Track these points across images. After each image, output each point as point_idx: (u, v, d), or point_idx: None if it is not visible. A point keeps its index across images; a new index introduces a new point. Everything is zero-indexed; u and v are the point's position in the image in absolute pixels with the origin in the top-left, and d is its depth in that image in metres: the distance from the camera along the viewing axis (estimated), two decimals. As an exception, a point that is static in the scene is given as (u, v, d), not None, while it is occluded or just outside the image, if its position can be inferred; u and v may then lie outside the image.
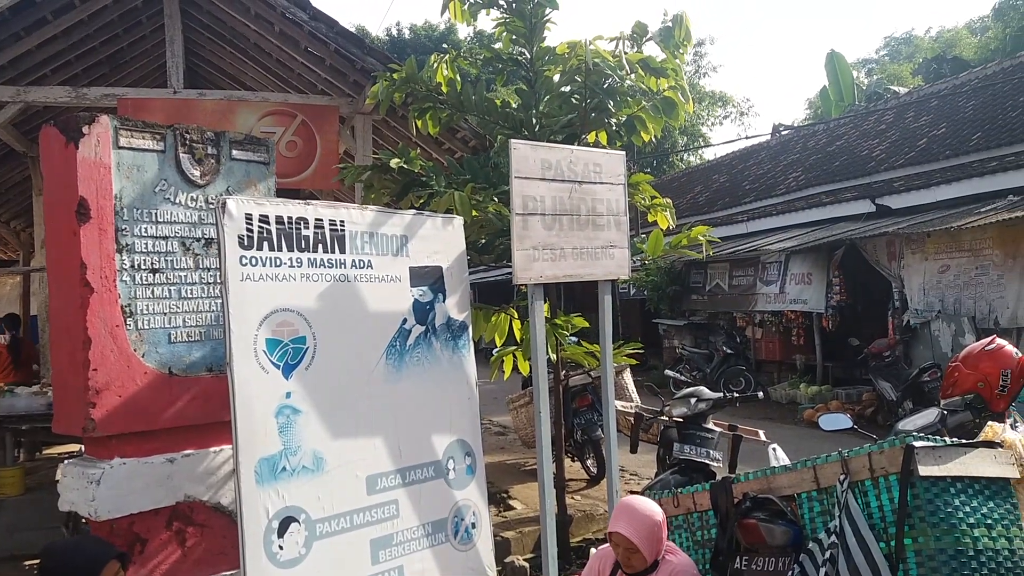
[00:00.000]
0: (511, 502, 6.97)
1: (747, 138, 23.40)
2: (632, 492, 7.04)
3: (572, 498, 7.11)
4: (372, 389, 3.88)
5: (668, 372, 13.46)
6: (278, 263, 3.59)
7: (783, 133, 23.26)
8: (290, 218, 3.67)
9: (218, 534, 4.12)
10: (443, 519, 4.05)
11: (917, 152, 14.61)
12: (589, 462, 8.24)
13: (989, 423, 4.06)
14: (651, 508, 3.35)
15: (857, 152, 16.81)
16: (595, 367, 6.14)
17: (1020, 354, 4.29)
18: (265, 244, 3.56)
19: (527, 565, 5.38)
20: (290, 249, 3.65)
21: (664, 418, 6.27)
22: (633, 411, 7.15)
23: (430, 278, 4.25)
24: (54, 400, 4.30)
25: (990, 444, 3.38)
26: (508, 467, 8.76)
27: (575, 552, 5.59)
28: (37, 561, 5.45)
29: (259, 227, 3.55)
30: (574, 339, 6.71)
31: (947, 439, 3.44)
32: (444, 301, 4.31)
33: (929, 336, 11.67)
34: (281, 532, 3.39)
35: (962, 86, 16.72)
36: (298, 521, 3.46)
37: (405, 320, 4.09)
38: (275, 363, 3.51)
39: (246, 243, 3.50)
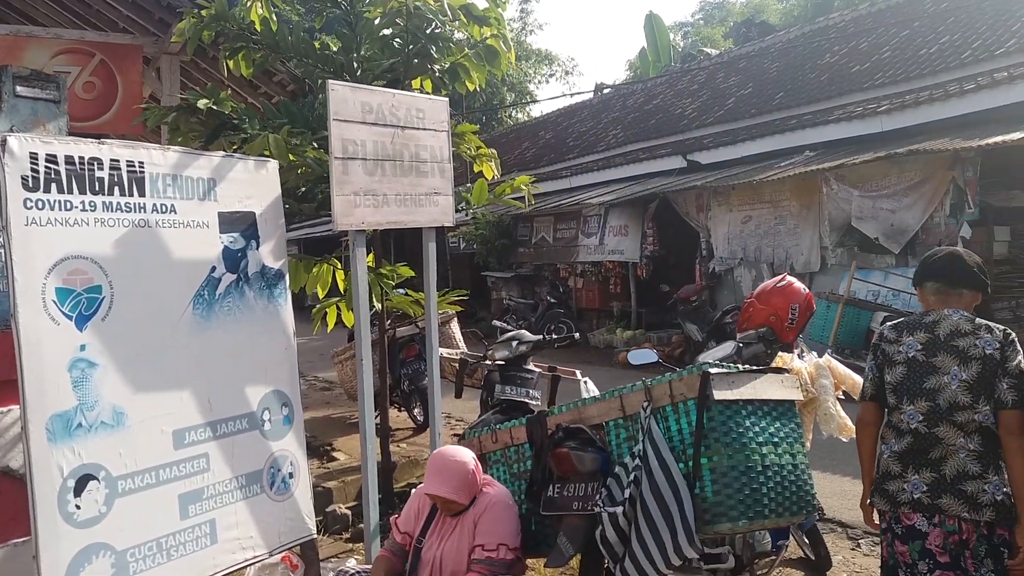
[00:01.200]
0: (335, 454, 6.92)
1: (571, 95, 23.99)
2: (455, 434, 7.19)
3: (398, 446, 7.15)
4: (178, 341, 3.70)
5: (495, 322, 13.66)
6: (68, 207, 3.32)
7: (605, 92, 24.06)
8: (81, 158, 3.39)
9: (8, 499, 3.80)
10: (258, 471, 3.96)
11: (726, 111, 15.57)
12: (416, 411, 8.30)
13: (779, 354, 4.46)
14: (461, 457, 3.47)
15: (672, 111, 17.69)
16: (421, 316, 6.15)
17: (807, 291, 4.70)
18: (53, 186, 3.27)
19: (349, 512, 5.38)
20: (82, 192, 3.37)
21: (487, 362, 6.42)
22: (458, 357, 7.26)
23: (242, 224, 4.07)
24: None
25: (778, 370, 3.70)
26: (333, 421, 8.67)
27: (398, 497, 5.64)
28: None
29: (46, 167, 3.26)
30: (401, 291, 6.69)
31: (740, 367, 3.73)
32: (258, 248, 4.15)
33: (732, 281, 12.60)
34: (78, 491, 3.19)
35: (768, 49, 17.92)
36: (97, 479, 3.26)
37: (214, 268, 3.91)
38: (67, 314, 3.26)
39: (31, 184, 3.20)
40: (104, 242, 3.43)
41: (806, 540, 4.59)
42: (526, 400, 5.68)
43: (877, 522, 3.24)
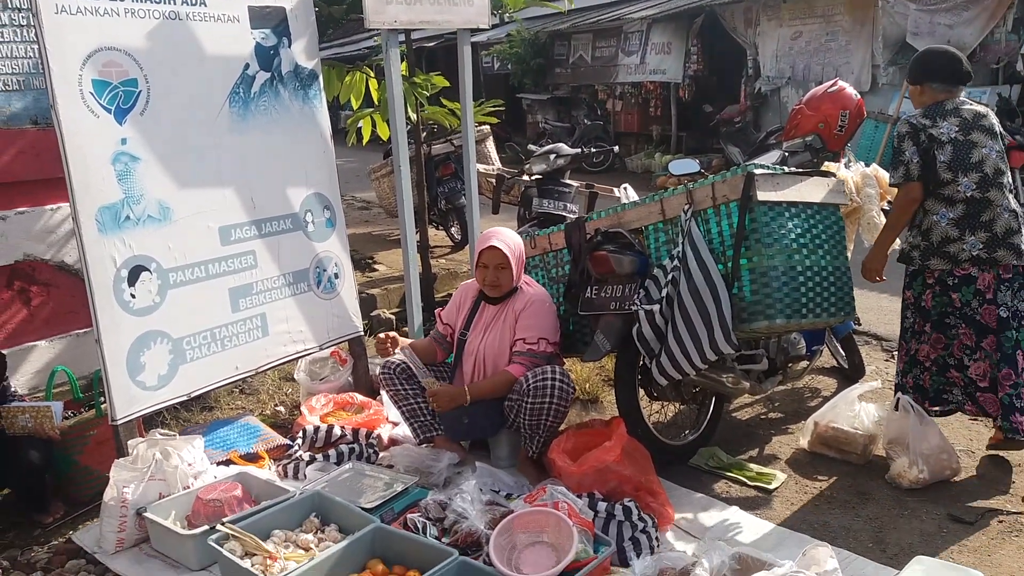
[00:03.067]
0: (376, 266, 7.05)
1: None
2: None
3: (436, 261, 7.26)
4: (217, 139, 3.68)
5: (531, 147, 13.53)
6: (97, -5, 3.21)
7: None
8: (106, -56, 3.24)
9: (66, 293, 3.96)
10: (304, 269, 4.05)
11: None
12: (453, 230, 8.35)
13: (826, 162, 4.33)
14: (515, 235, 3.55)
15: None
16: (457, 127, 6.04)
17: (859, 96, 4.50)
18: (80, -27, 3.15)
19: (392, 317, 5.54)
20: (110, -20, 3.25)
21: (524, 178, 6.37)
22: (495, 172, 7.20)
23: (272, 20, 3.94)
24: None
25: (824, 174, 3.61)
26: (373, 237, 8.78)
27: (439, 306, 5.78)
28: None
29: (70, -47, 3.12)
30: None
31: (785, 169, 3.64)
32: (290, 47, 4.03)
33: (778, 102, 12.15)
34: (132, 281, 3.29)
35: None
36: (149, 270, 3.36)
37: (247, 65, 3.83)
38: (105, 107, 3.24)
39: (58, -28, 3.08)
40: (136, 34, 3.35)
41: (841, 351, 4.65)
42: (563, 213, 5.67)
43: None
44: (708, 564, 2.50)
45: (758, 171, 3.31)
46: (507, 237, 3.51)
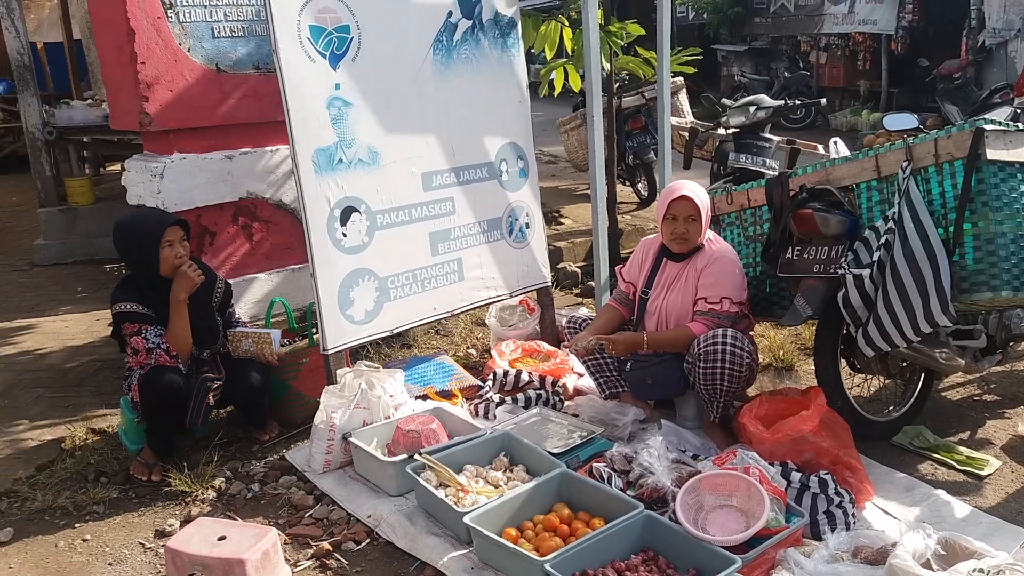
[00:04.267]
0: (562, 220, 7.08)
1: None
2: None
3: (622, 218, 7.19)
4: (421, 86, 3.79)
5: (725, 101, 13.00)
6: (310, -59, 3.37)
7: None
8: None
9: (284, 230, 4.27)
10: (498, 218, 4.13)
11: None
12: (640, 185, 8.21)
13: (1067, 121, 3.86)
14: (703, 189, 3.41)
15: None
16: (652, 77, 5.88)
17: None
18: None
19: (578, 271, 5.56)
20: (318, -73, 3.40)
21: (719, 132, 6.13)
22: (688, 126, 6.98)
23: (477, -33, 3.98)
24: (108, 99, 4.32)
25: (1068, 133, 3.21)
26: (559, 191, 8.81)
27: (624, 262, 5.73)
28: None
29: None
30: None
31: (1020, 125, 3.27)
32: (491, -7, 4.06)
33: (1004, 57, 10.92)
34: (344, 220, 3.48)
35: None
36: (359, 211, 3.54)
37: (450, 13, 3.90)
38: (321, 52, 3.41)
39: (276, -79, 3.25)
40: (349, -20, 3.49)
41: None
42: (762, 170, 5.41)
43: None
44: (910, 546, 2.35)
45: (988, 127, 2.99)
46: (696, 188, 3.37)
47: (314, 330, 3.64)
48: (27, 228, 8.03)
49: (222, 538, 2.56)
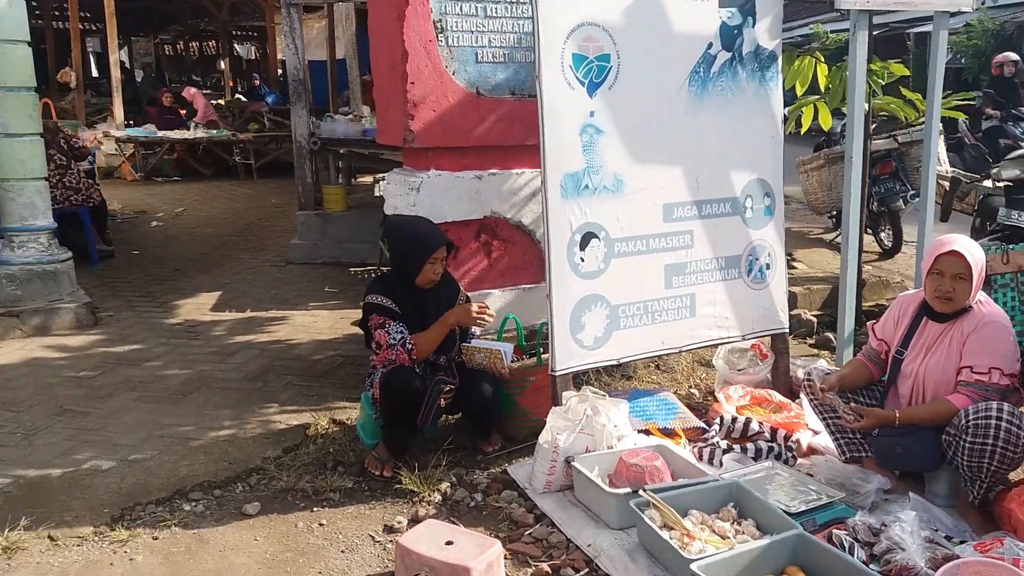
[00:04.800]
0: (795, 263, 6.73)
1: None
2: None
3: (864, 268, 6.73)
4: (673, 116, 3.74)
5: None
6: (583, -31, 3.43)
7: None
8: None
9: (519, 250, 4.37)
10: (737, 256, 3.98)
11: None
12: (883, 234, 7.64)
13: None
14: (978, 245, 3.07)
15: None
16: (914, 119, 5.47)
17: None
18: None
19: (814, 319, 5.24)
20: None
21: (987, 184, 5.58)
22: (949, 175, 6.42)
23: (741, -1, 3.88)
24: (377, 115, 4.65)
25: None
26: (791, 233, 8.38)
27: (866, 315, 5.34)
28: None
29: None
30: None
31: None
32: (754, 26, 3.94)
33: None
34: (583, 246, 3.50)
35: None
36: (598, 237, 3.55)
37: (710, 45, 3.82)
38: (580, 79, 3.46)
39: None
40: (614, 10, 3.52)
41: None
42: (1038, 227, 4.86)
43: None
44: None
45: None
46: (970, 244, 3.03)
47: (542, 350, 3.68)
48: (284, 228, 8.85)
49: (449, 543, 2.63)
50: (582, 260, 3.51)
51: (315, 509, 3.17)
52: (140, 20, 20.13)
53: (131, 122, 13.44)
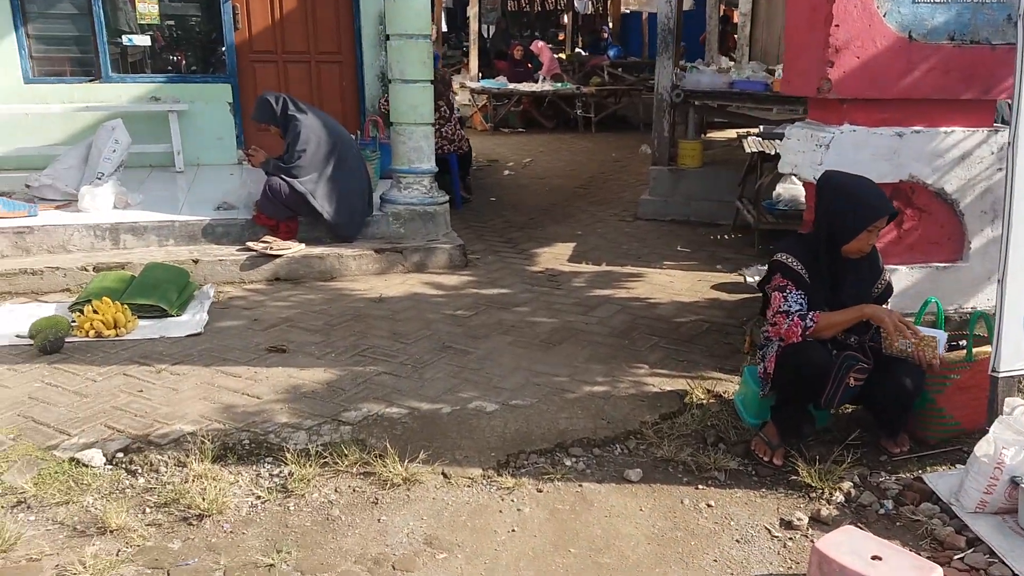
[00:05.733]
0: None
1: None
2: None
3: None
4: None
5: None
6: None
7: None
8: None
9: (936, 222, 3.76)
10: None
11: None
12: None
13: None
14: None
15: None
16: None
17: None
18: None
19: None
20: None
21: None
22: None
23: None
24: (785, 62, 4.23)
25: None
26: None
27: None
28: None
29: None
30: None
31: None
32: None
33: None
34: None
35: None
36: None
37: None
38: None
39: None
40: None
41: None
42: None
43: None
44: None
45: None
46: None
47: (974, 344, 3.11)
48: (626, 183, 8.77)
49: (876, 557, 2.27)
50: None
51: (700, 487, 2.96)
52: (491, -24, 21.14)
53: (482, 74, 14.20)
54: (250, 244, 5.31)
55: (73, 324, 4.22)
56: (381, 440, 3.19)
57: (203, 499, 2.78)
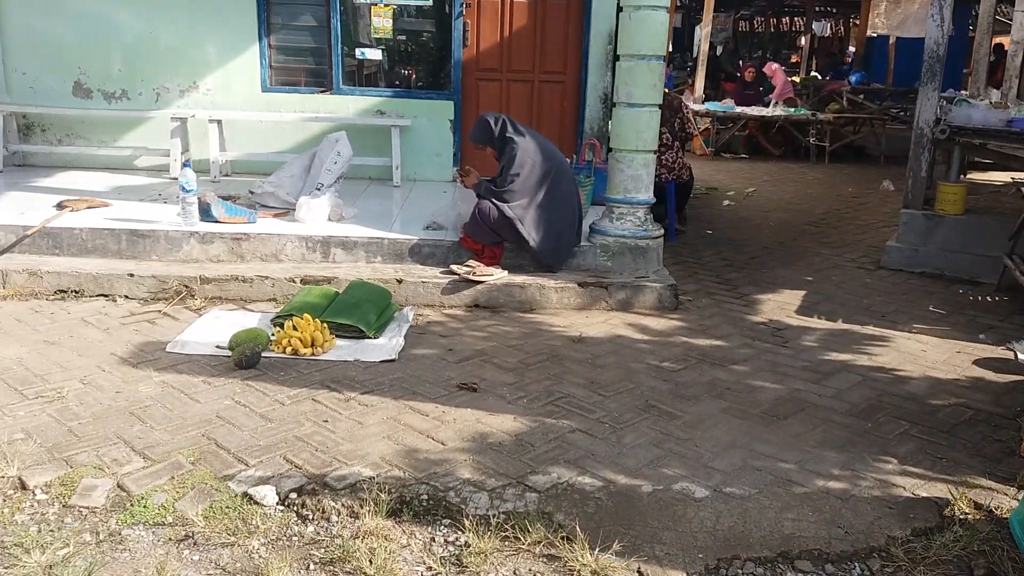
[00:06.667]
0: None
1: None
2: None
3: None
4: None
5: None
6: None
7: None
8: None
9: None
10: None
11: None
12: None
13: None
14: None
15: None
16: None
17: None
18: None
19: None
20: None
21: None
22: None
23: None
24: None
25: None
26: None
27: None
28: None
29: None
30: None
31: None
32: None
33: None
34: None
35: None
36: None
37: None
38: None
39: None
40: None
41: None
42: None
43: None
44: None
45: None
46: None
47: None
48: (866, 224, 7.84)
49: None
50: None
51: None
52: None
53: (706, 96, 13.52)
54: (454, 267, 5.13)
55: (272, 339, 4.19)
56: (570, 517, 2.78)
57: (371, 563, 2.50)
